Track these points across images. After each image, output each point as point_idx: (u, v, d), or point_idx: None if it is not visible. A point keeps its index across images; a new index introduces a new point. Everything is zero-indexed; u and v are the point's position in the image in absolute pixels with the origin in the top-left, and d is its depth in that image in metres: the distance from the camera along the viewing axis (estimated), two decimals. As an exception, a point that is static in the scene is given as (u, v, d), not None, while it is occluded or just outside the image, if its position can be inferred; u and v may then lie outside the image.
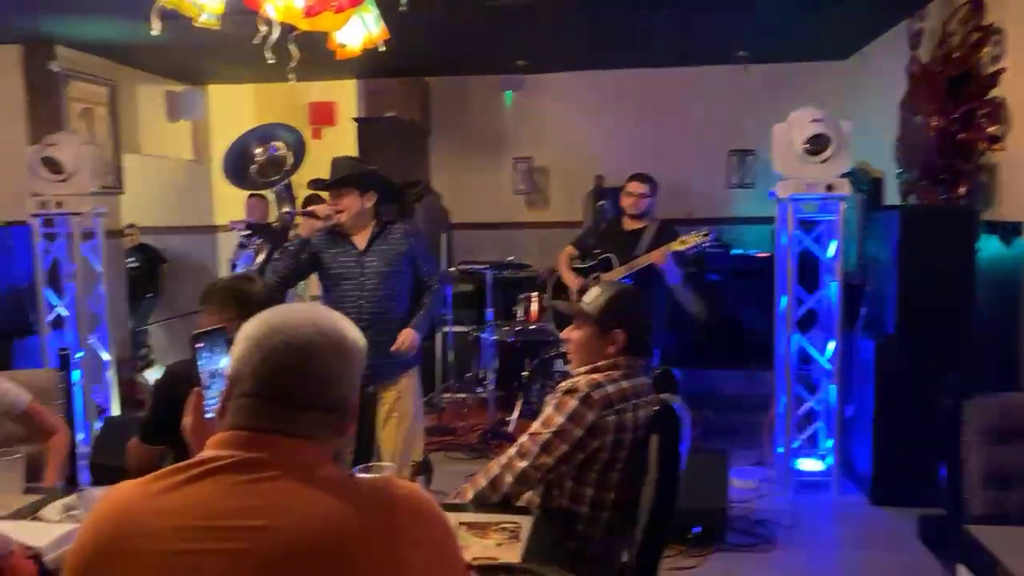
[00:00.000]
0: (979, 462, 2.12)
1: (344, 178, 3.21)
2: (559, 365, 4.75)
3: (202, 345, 1.47)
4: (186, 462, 1.13)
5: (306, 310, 1.22)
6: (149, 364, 7.07)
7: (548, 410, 1.99)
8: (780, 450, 4.20)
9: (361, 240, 3.25)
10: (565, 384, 2.02)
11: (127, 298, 6.19)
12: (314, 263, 3.30)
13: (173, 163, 7.03)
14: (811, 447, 4.29)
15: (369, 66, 6.19)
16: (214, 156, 7.19)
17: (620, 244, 4.37)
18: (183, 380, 2.24)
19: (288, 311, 1.21)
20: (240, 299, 2.36)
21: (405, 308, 3.31)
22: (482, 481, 2.01)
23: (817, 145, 3.95)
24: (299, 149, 5.10)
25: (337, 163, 3.30)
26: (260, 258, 4.73)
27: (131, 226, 6.89)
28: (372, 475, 1.58)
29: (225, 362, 1.52)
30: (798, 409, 4.21)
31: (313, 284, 4.30)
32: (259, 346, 1.15)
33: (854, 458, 4.18)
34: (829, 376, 4.15)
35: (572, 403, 1.95)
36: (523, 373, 5.21)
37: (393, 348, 3.23)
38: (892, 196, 5.19)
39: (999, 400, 2.18)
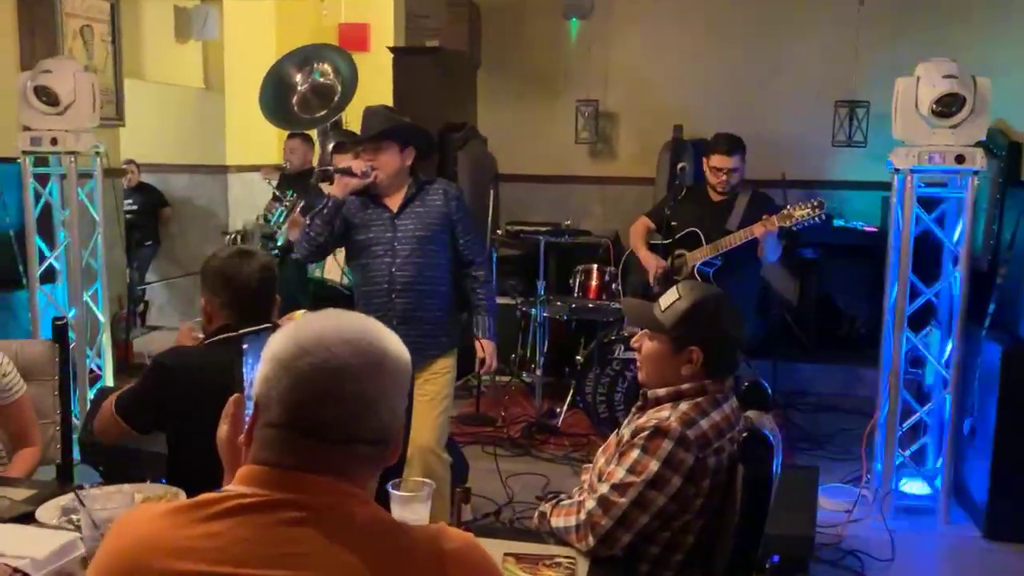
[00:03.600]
0: None
1: (384, 132, 3.22)
2: (620, 351, 4.75)
3: (247, 347, 1.49)
4: (210, 496, 1.17)
5: (340, 322, 1.21)
6: (145, 324, 7.26)
7: (634, 453, 1.97)
8: (879, 467, 4.17)
9: (394, 201, 3.30)
10: (650, 420, 2.01)
11: (124, 247, 6.33)
12: (346, 228, 3.34)
13: (181, 91, 7.11)
14: (917, 466, 4.24)
15: (411, -16, 6.15)
16: (228, 84, 7.26)
17: (705, 216, 4.31)
18: (182, 374, 2.33)
19: (319, 324, 1.20)
20: (226, 283, 2.39)
21: (443, 280, 3.35)
22: (559, 522, 2.02)
23: (948, 107, 3.83)
24: (350, 76, 5.06)
25: (372, 114, 3.32)
26: (287, 221, 4.76)
27: (130, 162, 7.03)
28: (419, 521, 1.59)
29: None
30: (904, 420, 4.15)
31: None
32: (286, 369, 1.16)
33: (968, 482, 4.12)
34: (944, 383, 4.08)
35: (666, 445, 1.94)
36: (577, 357, 5.23)
37: (483, 371, 3.42)
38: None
39: None
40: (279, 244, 5.00)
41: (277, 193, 5.08)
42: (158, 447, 2.58)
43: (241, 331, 1.51)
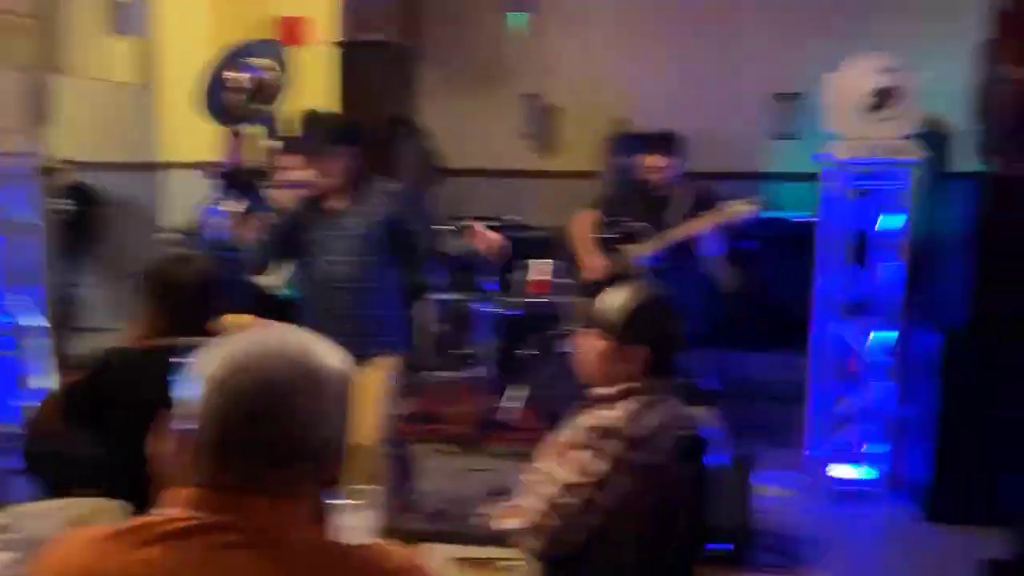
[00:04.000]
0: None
1: (330, 139, 3.25)
2: (567, 345, 4.76)
3: (182, 360, 1.46)
4: (145, 520, 1.14)
5: (275, 337, 1.19)
6: (79, 326, 7.08)
7: (580, 453, 1.98)
8: (816, 453, 4.25)
9: (338, 202, 3.31)
10: (597, 420, 2.02)
11: (59, 250, 6.16)
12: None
13: (112, 87, 6.93)
14: (854, 451, 4.33)
15: (349, -23, 6.07)
16: (162, 79, 7.08)
17: (648, 211, 4.35)
18: (119, 375, 2.29)
19: (254, 340, 1.19)
20: (164, 288, 2.37)
21: (383, 279, 3.37)
22: (508, 524, 2.03)
23: (880, 100, 3.91)
24: (288, 70, 5.07)
25: (314, 120, 3.33)
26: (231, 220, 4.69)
27: (63, 161, 6.84)
28: (364, 528, 1.58)
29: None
30: (837, 407, 4.24)
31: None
32: (219, 387, 1.14)
33: (907, 465, 4.23)
34: (881, 371, 4.17)
35: (612, 444, 1.96)
36: (524, 352, 5.24)
37: (487, 250, 3.36)
38: (963, 154, 5.16)
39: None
40: (217, 244, 4.92)
41: (214, 191, 4.99)
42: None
43: (178, 341, 1.48)
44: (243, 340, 1.19)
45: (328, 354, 1.22)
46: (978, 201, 3.88)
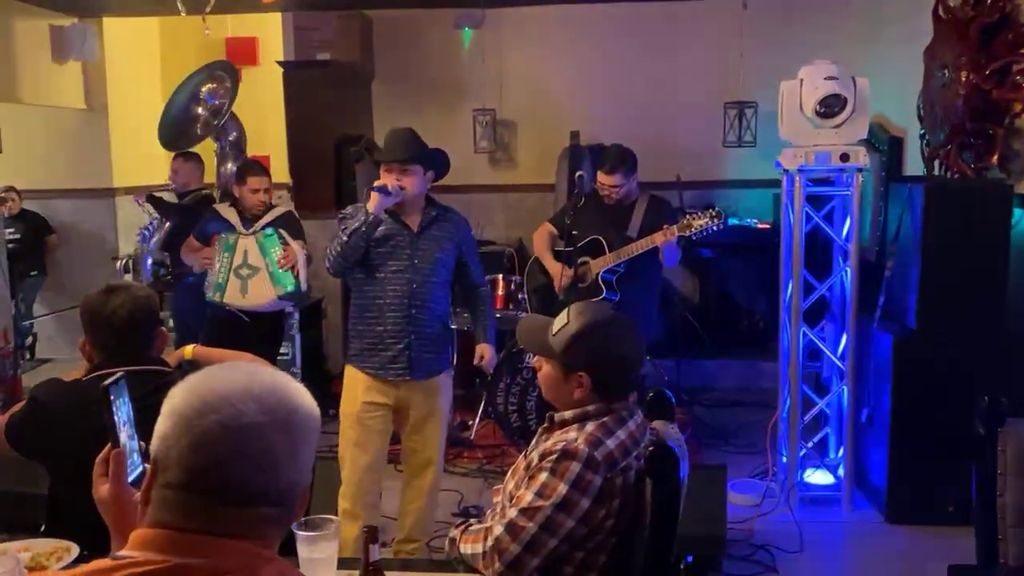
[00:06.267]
0: (1016, 499, 2.18)
1: (412, 155, 3.34)
2: (529, 359, 4.75)
3: (113, 397, 1.44)
4: (104, 564, 1.11)
5: (247, 378, 1.16)
6: (34, 356, 6.95)
7: (542, 476, 1.95)
8: (784, 460, 4.28)
9: (413, 221, 3.41)
10: (557, 443, 2.00)
11: (7, 277, 6.03)
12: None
13: (61, 113, 6.82)
14: (820, 456, 4.37)
15: (298, -2, 6.06)
16: (112, 104, 6.99)
17: (606, 224, 4.36)
18: (54, 410, 2.23)
19: (225, 378, 1.16)
20: (92, 322, 2.32)
21: (448, 300, 3.56)
22: (467, 549, 2.01)
23: (831, 107, 3.96)
24: (232, 77, 5.11)
25: (396, 136, 3.42)
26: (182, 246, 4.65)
27: (10, 190, 6.72)
28: (328, 559, 1.55)
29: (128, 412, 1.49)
30: (805, 413, 4.27)
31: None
32: (189, 426, 1.11)
33: (868, 469, 4.26)
34: (841, 375, 4.22)
35: (574, 467, 1.93)
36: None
37: (477, 363, 3.63)
38: (914, 157, 5.24)
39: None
40: (170, 268, 4.88)
41: (157, 217, 4.95)
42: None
43: (104, 384, 1.44)
44: (213, 377, 1.16)
45: (300, 394, 1.20)
46: (924, 208, 3.93)
